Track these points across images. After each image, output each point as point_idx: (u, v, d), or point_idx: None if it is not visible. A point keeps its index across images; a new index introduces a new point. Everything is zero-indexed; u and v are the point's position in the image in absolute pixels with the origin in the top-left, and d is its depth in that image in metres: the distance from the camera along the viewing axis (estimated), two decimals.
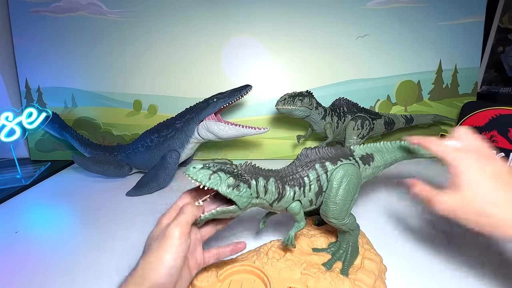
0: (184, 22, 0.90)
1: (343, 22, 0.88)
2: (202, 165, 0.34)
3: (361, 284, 0.39)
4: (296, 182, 0.40)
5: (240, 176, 0.35)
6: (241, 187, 0.35)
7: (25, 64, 0.93)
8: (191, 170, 0.33)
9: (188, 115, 0.75)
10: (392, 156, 0.47)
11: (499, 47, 0.93)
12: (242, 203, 0.35)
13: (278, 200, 0.39)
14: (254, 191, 0.36)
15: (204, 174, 0.33)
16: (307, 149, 0.42)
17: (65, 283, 0.43)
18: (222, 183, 0.34)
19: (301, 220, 0.40)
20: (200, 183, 0.33)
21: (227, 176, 0.34)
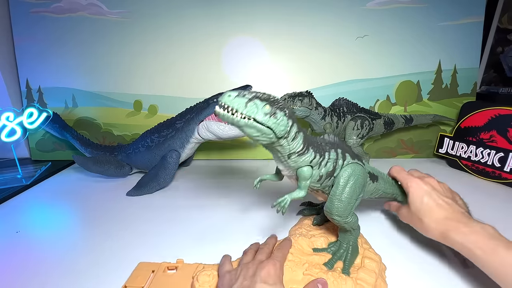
0: (185, 22, 0.90)
1: (343, 22, 0.88)
2: (237, 93, 0.32)
3: (363, 283, 0.39)
4: (320, 150, 0.40)
5: (276, 103, 0.34)
6: (278, 115, 0.33)
7: (25, 64, 0.93)
8: (226, 98, 0.32)
9: (189, 115, 0.75)
10: (394, 190, 0.50)
11: (498, 47, 0.93)
12: (280, 131, 0.34)
13: (299, 154, 0.38)
14: (288, 127, 0.35)
15: (239, 101, 0.32)
16: (334, 135, 0.43)
17: (66, 283, 0.43)
18: (259, 111, 0.32)
19: (303, 188, 0.40)
20: (236, 111, 0.32)
21: (263, 103, 0.32)
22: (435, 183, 0.47)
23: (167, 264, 0.44)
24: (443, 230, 0.41)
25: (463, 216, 0.42)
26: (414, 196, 0.45)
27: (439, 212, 0.43)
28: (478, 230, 0.38)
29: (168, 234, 0.55)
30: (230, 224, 0.57)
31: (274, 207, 0.39)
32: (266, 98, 0.33)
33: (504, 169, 0.73)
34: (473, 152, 0.79)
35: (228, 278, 0.38)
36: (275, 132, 0.33)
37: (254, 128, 0.33)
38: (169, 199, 0.70)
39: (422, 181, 0.46)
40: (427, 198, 0.44)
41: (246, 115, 0.32)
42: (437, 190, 0.45)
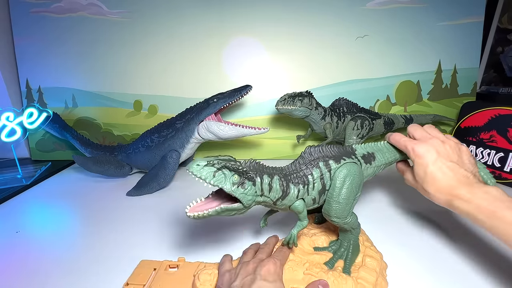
0: (185, 22, 0.90)
1: (343, 22, 0.89)
2: (206, 162, 0.33)
3: (364, 282, 0.39)
4: (300, 180, 0.40)
5: (245, 174, 0.35)
6: (246, 185, 0.34)
7: (25, 64, 0.93)
8: (195, 168, 0.33)
9: (189, 115, 0.75)
10: (393, 155, 0.48)
11: (498, 47, 0.93)
12: (247, 201, 0.35)
13: (282, 198, 0.38)
14: (259, 188, 0.36)
15: (208, 171, 0.33)
16: (310, 147, 0.42)
17: (66, 283, 0.43)
18: (227, 181, 0.33)
19: (303, 219, 0.40)
20: (204, 181, 0.33)
21: (232, 173, 0.34)
22: (439, 145, 0.44)
23: (168, 262, 0.44)
24: (449, 199, 0.41)
25: (468, 180, 0.40)
26: (419, 165, 0.44)
27: (444, 181, 0.41)
28: (481, 195, 0.38)
29: (169, 234, 0.55)
30: (231, 224, 0.57)
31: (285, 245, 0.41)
32: (235, 168, 0.34)
33: (504, 169, 0.73)
34: (473, 152, 0.79)
35: (227, 277, 0.38)
36: (242, 202, 0.35)
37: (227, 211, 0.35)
38: (169, 199, 0.70)
39: (426, 146, 0.44)
40: (431, 167, 0.42)
41: (214, 185, 0.33)
42: (442, 155, 0.43)
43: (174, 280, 0.41)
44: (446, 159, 0.43)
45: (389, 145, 0.49)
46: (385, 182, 0.72)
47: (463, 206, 0.39)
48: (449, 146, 0.44)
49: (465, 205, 0.39)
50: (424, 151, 0.43)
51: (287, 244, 0.41)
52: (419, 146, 0.44)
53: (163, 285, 0.40)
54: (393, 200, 0.65)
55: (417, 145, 0.44)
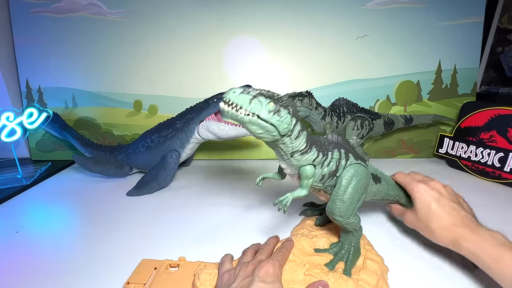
0: (185, 22, 0.90)
1: (343, 22, 0.89)
2: (241, 89, 0.32)
3: (364, 284, 0.39)
4: (323, 149, 0.39)
5: (281, 101, 0.34)
6: (282, 112, 0.33)
7: (25, 64, 0.93)
8: (231, 95, 0.32)
9: (189, 115, 0.75)
10: (394, 191, 0.49)
11: (498, 47, 0.93)
12: (283, 129, 0.34)
13: (301, 152, 0.38)
14: (292, 125, 0.35)
15: (244, 98, 0.32)
16: (338, 135, 0.42)
17: (66, 283, 0.43)
18: (263, 108, 0.32)
19: (305, 187, 0.40)
20: (240, 108, 0.32)
21: (267, 100, 0.33)
22: (440, 187, 0.46)
23: (169, 261, 0.45)
24: (453, 237, 0.41)
25: (471, 222, 0.42)
26: (422, 202, 0.45)
27: (448, 219, 0.42)
28: (487, 237, 0.38)
29: (170, 233, 0.55)
30: (231, 224, 0.57)
31: (276, 205, 0.40)
32: (271, 96, 0.33)
33: (504, 169, 0.73)
34: (473, 152, 0.79)
35: (227, 278, 0.38)
36: (278, 129, 0.34)
37: (258, 125, 0.33)
38: (169, 199, 0.70)
39: (428, 186, 0.46)
40: (435, 205, 0.44)
41: (250, 112, 0.32)
42: (444, 195, 0.45)
43: (174, 280, 0.41)
44: (448, 199, 0.44)
45: (394, 183, 0.50)
46: None
47: (468, 246, 0.39)
48: (449, 190, 0.47)
49: (471, 245, 0.39)
50: (427, 190, 0.45)
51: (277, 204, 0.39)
52: (421, 186, 0.46)
53: (163, 284, 0.40)
54: None
55: (420, 184, 0.46)
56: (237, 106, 0.32)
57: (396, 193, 0.50)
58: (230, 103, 0.32)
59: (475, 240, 0.39)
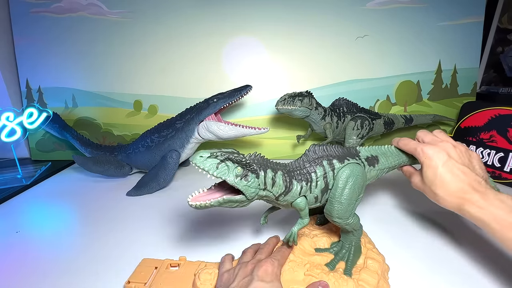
0: (185, 22, 0.90)
1: (343, 22, 0.89)
2: (209, 154, 0.33)
3: (365, 284, 0.39)
4: (304, 177, 0.39)
5: (249, 166, 0.34)
6: (249, 177, 0.34)
7: (25, 64, 0.93)
8: (198, 159, 0.33)
9: (188, 115, 0.75)
10: (396, 159, 0.48)
11: (498, 47, 0.93)
12: (250, 194, 0.35)
13: (284, 194, 0.38)
14: (262, 182, 0.36)
15: (211, 163, 0.33)
16: (315, 145, 0.42)
17: (66, 283, 0.43)
18: (230, 173, 0.33)
19: (305, 217, 0.40)
20: (207, 172, 0.32)
21: (235, 165, 0.34)
22: (450, 148, 0.43)
23: (169, 261, 0.45)
24: (459, 202, 0.40)
25: (480, 185, 0.39)
26: (428, 167, 0.42)
27: (455, 184, 0.40)
28: (496, 203, 0.37)
29: (170, 233, 0.55)
30: (231, 224, 0.57)
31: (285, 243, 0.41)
32: (238, 160, 0.34)
33: (504, 169, 0.73)
34: None
35: (226, 277, 0.38)
36: (245, 195, 0.35)
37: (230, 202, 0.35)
38: (169, 199, 0.70)
39: (437, 147, 0.43)
40: (442, 169, 0.41)
41: (217, 176, 0.33)
42: (453, 158, 0.42)
43: (175, 279, 0.41)
44: (457, 161, 0.42)
45: (394, 149, 0.49)
46: (388, 184, 0.72)
47: (475, 211, 0.38)
48: (459, 150, 0.43)
49: (478, 211, 0.38)
50: (434, 152, 0.42)
51: (287, 242, 0.41)
52: (429, 148, 0.43)
53: (164, 283, 0.40)
54: (396, 202, 0.65)
55: (427, 146, 0.43)
56: (203, 170, 0.32)
57: (399, 161, 0.48)
58: (197, 167, 0.33)
59: (482, 205, 0.37)
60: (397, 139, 0.49)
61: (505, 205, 0.37)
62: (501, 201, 0.37)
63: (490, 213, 0.37)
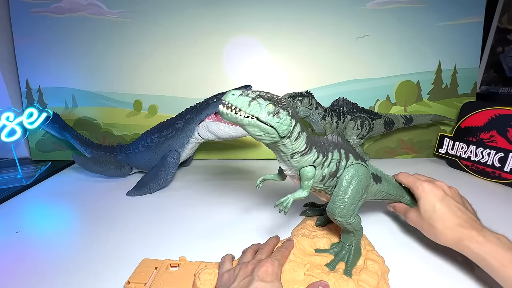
0: (185, 21, 0.90)
1: (343, 22, 0.89)
2: (240, 92, 0.33)
3: (365, 284, 0.39)
4: (323, 150, 0.39)
5: (280, 103, 0.34)
6: (281, 114, 0.34)
7: (25, 64, 0.93)
8: (230, 97, 0.32)
9: (189, 115, 0.75)
10: (396, 191, 0.49)
11: (498, 47, 0.93)
12: (283, 131, 0.34)
13: (302, 154, 0.38)
14: (292, 126, 0.35)
15: (243, 100, 0.32)
16: (338, 136, 0.42)
17: (66, 283, 0.43)
18: (262, 110, 0.33)
19: (306, 188, 0.40)
20: (240, 110, 0.32)
21: (266, 102, 0.33)
22: (446, 187, 0.46)
23: (169, 261, 0.45)
24: (457, 238, 0.41)
25: (476, 224, 0.41)
26: (426, 201, 0.44)
27: (453, 219, 0.42)
28: (494, 240, 0.38)
29: (170, 233, 0.55)
30: (232, 224, 0.57)
31: (277, 206, 0.40)
32: (270, 97, 0.33)
33: (504, 169, 0.73)
34: (473, 152, 0.79)
35: (226, 278, 0.38)
36: (278, 131, 0.34)
37: (257, 127, 0.33)
38: (169, 199, 0.70)
39: (434, 185, 0.45)
40: (440, 204, 0.43)
41: (249, 114, 0.32)
42: (449, 196, 0.44)
43: (175, 279, 0.41)
44: (454, 200, 0.44)
45: (395, 182, 0.50)
46: None
47: (474, 247, 0.39)
48: (454, 191, 0.46)
49: (477, 247, 0.38)
50: (432, 188, 0.45)
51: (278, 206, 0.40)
52: (427, 184, 0.45)
53: (164, 284, 0.40)
54: None
55: (425, 183, 0.46)
56: (236, 108, 0.32)
57: (397, 193, 0.50)
58: (229, 105, 0.32)
59: (480, 241, 0.38)
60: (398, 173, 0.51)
61: (502, 243, 0.38)
62: (498, 239, 0.38)
63: (489, 249, 0.37)
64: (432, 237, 0.44)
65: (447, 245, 0.42)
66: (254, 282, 0.34)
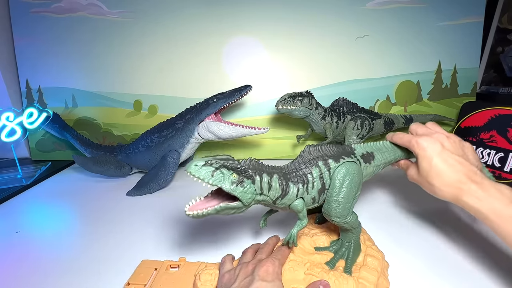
0: (185, 22, 0.90)
1: (343, 22, 0.89)
2: (204, 162, 0.33)
3: (365, 282, 0.39)
4: (300, 179, 0.40)
5: (244, 172, 0.35)
6: (245, 183, 0.34)
7: (25, 64, 0.93)
8: (193, 168, 0.33)
9: (188, 115, 0.75)
10: (392, 154, 0.48)
11: (498, 47, 0.93)
12: (247, 200, 0.35)
13: (281, 197, 0.38)
14: (258, 187, 0.36)
15: (206, 171, 0.33)
16: (309, 146, 0.42)
17: (66, 283, 0.43)
18: (226, 180, 0.33)
19: (303, 218, 0.40)
20: (203, 181, 0.33)
21: (230, 172, 0.34)
22: (444, 139, 0.43)
23: (169, 262, 0.45)
24: (456, 193, 0.39)
25: (476, 175, 0.39)
26: (422, 158, 0.42)
27: (451, 174, 0.40)
28: (494, 193, 0.36)
29: (170, 234, 0.55)
30: (232, 224, 0.57)
31: (285, 244, 0.41)
32: (234, 167, 0.34)
33: (504, 169, 0.73)
34: None
35: (227, 278, 0.38)
36: (242, 201, 0.35)
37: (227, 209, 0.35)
38: (169, 199, 0.70)
39: (430, 138, 0.43)
40: (437, 159, 0.41)
41: (213, 184, 0.33)
42: (447, 148, 0.42)
43: (175, 280, 0.41)
44: (451, 152, 0.41)
45: (389, 144, 0.49)
46: (386, 182, 0.72)
47: (473, 202, 0.37)
48: (453, 141, 0.43)
49: (476, 201, 0.37)
50: (428, 144, 0.42)
51: (286, 244, 0.41)
52: (423, 139, 0.43)
53: (164, 285, 0.40)
54: (394, 200, 0.65)
55: (422, 138, 0.43)
56: (199, 179, 0.33)
57: (395, 156, 0.49)
58: (192, 176, 0.33)
59: (480, 196, 0.37)
60: (391, 134, 0.49)
61: (504, 196, 0.36)
62: (499, 191, 0.37)
63: (489, 204, 0.36)
64: (432, 193, 0.43)
65: (446, 200, 0.41)
66: (255, 282, 0.34)
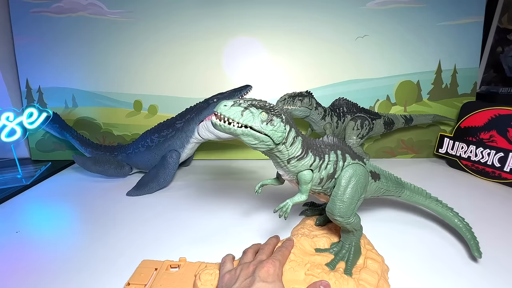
0: (185, 22, 0.90)
1: (343, 22, 0.89)
2: (232, 102, 0.32)
3: (365, 283, 0.39)
4: (319, 153, 0.40)
5: (272, 110, 0.34)
6: (275, 121, 0.34)
7: (25, 64, 0.93)
8: (222, 108, 0.32)
9: (189, 115, 0.75)
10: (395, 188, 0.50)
11: (498, 47, 0.93)
12: (277, 138, 0.34)
13: (298, 158, 0.38)
14: (286, 132, 0.35)
15: (235, 111, 0.32)
16: (333, 137, 0.43)
17: (66, 283, 0.43)
18: (256, 119, 0.33)
19: (304, 192, 0.40)
20: (233, 120, 0.32)
21: (259, 111, 0.33)
22: None
23: (169, 262, 0.45)
24: None
25: None
26: None
27: None
28: None
29: (170, 234, 0.55)
30: (232, 224, 0.57)
31: (276, 212, 0.40)
32: (262, 106, 0.33)
33: (504, 169, 0.73)
34: (473, 152, 0.79)
35: (227, 278, 0.38)
36: (273, 138, 0.34)
37: (252, 136, 0.33)
38: (169, 199, 0.70)
39: None
40: None
41: (243, 124, 0.32)
42: None
43: (175, 280, 0.41)
44: None
45: (394, 178, 0.50)
46: None
47: None
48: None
49: None
50: None
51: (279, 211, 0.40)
52: None
53: (164, 285, 0.40)
54: (394, 204, 0.65)
55: None
56: (229, 119, 0.32)
57: (396, 189, 0.50)
58: (222, 116, 0.32)
59: None
60: None
61: None
62: None
63: None
64: None
65: None
66: (255, 283, 0.34)
